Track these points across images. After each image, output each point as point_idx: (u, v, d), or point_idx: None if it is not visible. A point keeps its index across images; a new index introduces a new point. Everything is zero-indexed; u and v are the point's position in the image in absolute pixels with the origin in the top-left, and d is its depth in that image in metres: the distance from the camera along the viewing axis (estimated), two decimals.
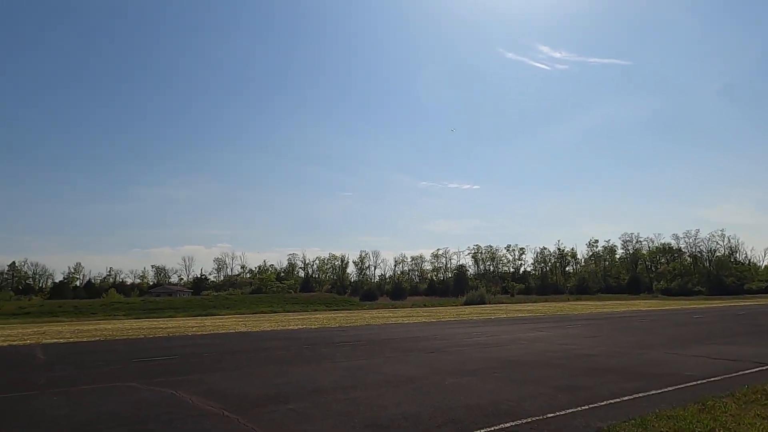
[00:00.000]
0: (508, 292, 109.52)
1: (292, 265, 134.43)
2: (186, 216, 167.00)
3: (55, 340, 22.96)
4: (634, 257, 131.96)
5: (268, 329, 27.82)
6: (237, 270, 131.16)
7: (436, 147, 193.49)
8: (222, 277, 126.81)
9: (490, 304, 73.91)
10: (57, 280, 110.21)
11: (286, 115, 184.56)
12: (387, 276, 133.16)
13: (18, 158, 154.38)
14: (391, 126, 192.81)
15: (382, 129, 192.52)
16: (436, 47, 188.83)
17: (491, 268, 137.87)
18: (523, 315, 37.98)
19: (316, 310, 61.75)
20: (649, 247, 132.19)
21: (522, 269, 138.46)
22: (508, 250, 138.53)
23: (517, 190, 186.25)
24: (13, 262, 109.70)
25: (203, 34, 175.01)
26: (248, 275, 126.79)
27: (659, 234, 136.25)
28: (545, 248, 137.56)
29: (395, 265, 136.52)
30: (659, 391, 8.49)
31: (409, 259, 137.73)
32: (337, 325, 30.52)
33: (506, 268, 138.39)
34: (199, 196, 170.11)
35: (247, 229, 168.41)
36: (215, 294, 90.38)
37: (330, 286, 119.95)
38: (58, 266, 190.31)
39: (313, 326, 29.49)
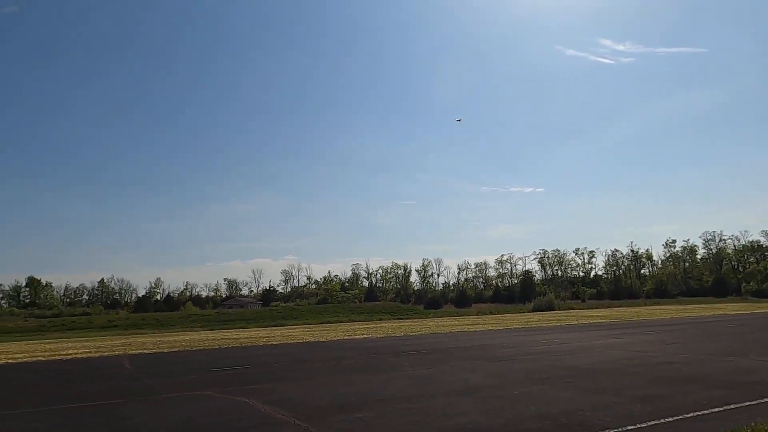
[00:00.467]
0: (578, 297, 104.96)
1: (356, 275, 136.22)
2: (254, 230, 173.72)
3: (140, 351, 24.56)
4: (718, 257, 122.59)
5: (335, 339, 28.29)
6: (303, 281, 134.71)
7: (495, 150, 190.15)
8: (289, 289, 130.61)
9: (559, 310, 71.14)
10: (140, 295, 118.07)
11: (343, 125, 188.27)
12: (451, 284, 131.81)
13: (98, 180, 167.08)
14: (448, 131, 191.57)
15: (439, 135, 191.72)
16: (493, 49, 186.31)
17: (559, 273, 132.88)
18: (596, 321, 36.24)
19: (380, 320, 62.07)
20: (734, 246, 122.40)
21: (593, 273, 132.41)
22: (576, 254, 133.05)
23: (583, 191, 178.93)
24: (102, 279, 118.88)
25: (260, 54, 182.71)
26: (314, 286, 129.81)
27: (746, 231, 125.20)
28: (617, 250, 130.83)
29: (459, 273, 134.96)
30: (753, 402, 7.80)
31: (473, 266, 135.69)
32: (402, 333, 30.51)
33: (575, 273, 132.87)
34: (265, 209, 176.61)
35: (312, 241, 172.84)
36: (283, 305, 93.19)
37: (394, 295, 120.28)
38: (140, 281, 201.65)
39: (378, 335, 29.67)
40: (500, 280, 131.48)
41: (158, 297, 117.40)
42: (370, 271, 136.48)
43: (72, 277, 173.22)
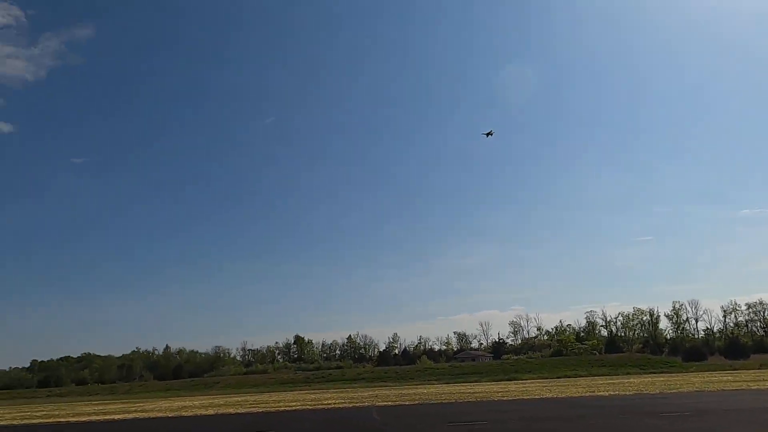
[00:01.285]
0: None
1: (591, 324, 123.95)
2: (478, 282, 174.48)
3: (385, 403, 26.54)
4: None
5: (575, 395, 26.06)
6: (533, 332, 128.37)
7: (752, 163, 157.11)
8: (519, 340, 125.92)
9: None
10: (381, 350, 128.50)
11: (564, 162, 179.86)
12: (715, 329, 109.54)
13: (334, 248, 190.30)
14: (686, 148, 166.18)
15: (675, 155, 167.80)
16: (733, 47, 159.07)
17: None
18: None
19: (627, 374, 54.93)
20: None
21: None
22: None
23: None
24: (350, 336, 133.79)
25: (462, 115, 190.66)
26: (545, 337, 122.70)
27: None
28: None
29: (724, 316, 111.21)
30: None
31: (744, 307, 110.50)
32: (657, 391, 26.43)
33: None
34: (487, 261, 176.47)
35: (539, 289, 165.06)
36: (515, 358, 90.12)
37: (641, 345, 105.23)
38: (381, 337, 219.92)
39: (626, 392, 26.31)
40: None
41: (396, 351, 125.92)
42: (608, 318, 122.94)
43: (327, 335, 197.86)
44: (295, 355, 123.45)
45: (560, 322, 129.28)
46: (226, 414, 24.76)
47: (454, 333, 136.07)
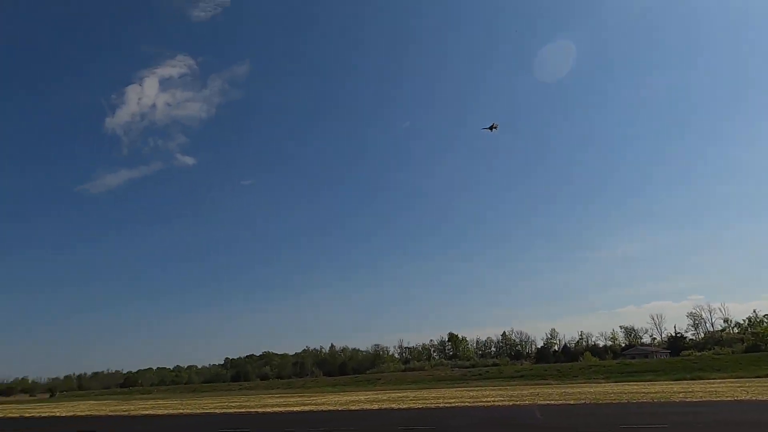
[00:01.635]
0: None
1: None
2: (644, 270, 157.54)
3: (547, 402, 25.47)
4: None
5: None
6: (719, 325, 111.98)
7: None
8: (701, 334, 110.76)
9: None
10: (539, 346, 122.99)
11: (750, 129, 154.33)
12: None
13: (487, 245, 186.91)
14: None
15: None
16: None
17: None
18: None
19: None
20: None
21: None
22: None
23: None
24: (504, 332, 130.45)
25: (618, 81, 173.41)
26: (735, 330, 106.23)
27: None
28: None
29: None
30: None
31: None
32: None
33: None
34: (655, 247, 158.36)
35: (722, 277, 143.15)
36: (697, 354, 79.61)
37: None
38: (537, 333, 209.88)
39: None
40: None
41: (555, 347, 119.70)
42: None
43: (481, 332, 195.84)
44: (450, 353, 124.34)
45: (754, 312, 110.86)
46: (389, 409, 26.04)
47: (621, 327, 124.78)
